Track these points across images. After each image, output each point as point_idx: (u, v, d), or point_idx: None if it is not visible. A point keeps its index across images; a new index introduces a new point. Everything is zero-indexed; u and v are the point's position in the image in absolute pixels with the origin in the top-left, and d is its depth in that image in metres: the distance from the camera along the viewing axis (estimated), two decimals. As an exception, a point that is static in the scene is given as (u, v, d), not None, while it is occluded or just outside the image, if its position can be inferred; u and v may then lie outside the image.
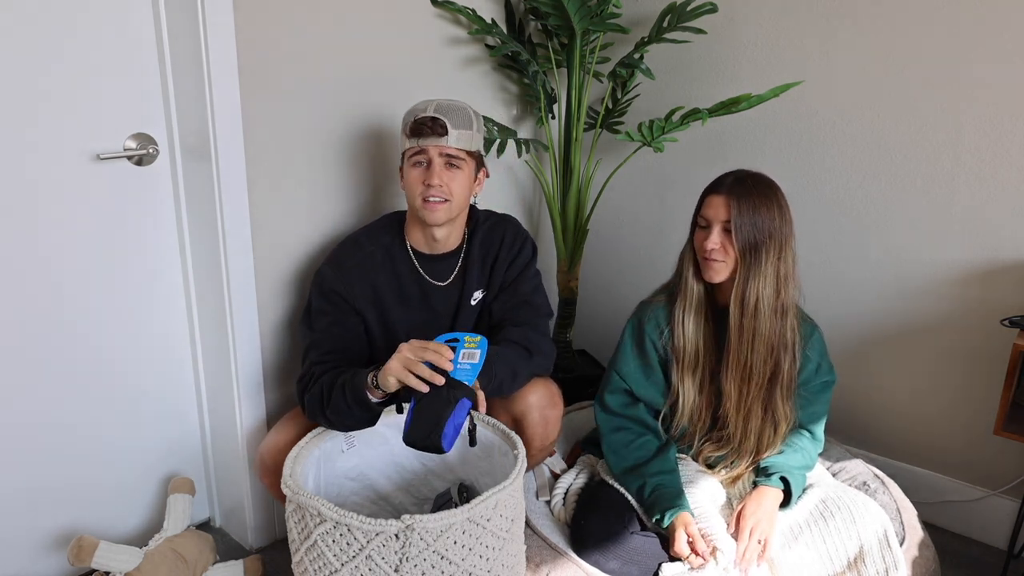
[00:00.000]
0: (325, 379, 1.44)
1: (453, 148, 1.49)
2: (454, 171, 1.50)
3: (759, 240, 1.44)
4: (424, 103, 1.52)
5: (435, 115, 1.47)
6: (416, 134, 1.48)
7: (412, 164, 1.51)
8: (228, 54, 1.53)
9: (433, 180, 1.48)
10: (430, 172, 1.49)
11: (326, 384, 1.43)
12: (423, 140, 1.48)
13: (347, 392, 1.38)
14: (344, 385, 1.39)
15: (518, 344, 1.51)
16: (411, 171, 1.51)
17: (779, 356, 1.50)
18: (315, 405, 1.43)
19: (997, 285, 1.80)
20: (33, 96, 1.44)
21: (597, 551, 1.44)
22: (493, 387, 1.41)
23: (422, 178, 1.50)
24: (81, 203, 1.55)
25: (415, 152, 1.50)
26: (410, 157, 1.51)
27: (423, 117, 1.48)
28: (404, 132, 1.52)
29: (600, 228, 2.50)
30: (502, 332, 1.55)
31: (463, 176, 1.52)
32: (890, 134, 1.89)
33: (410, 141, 1.50)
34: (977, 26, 1.72)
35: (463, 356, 1.32)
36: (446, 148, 1.49)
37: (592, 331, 2.60)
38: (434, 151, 1.49)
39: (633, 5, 2.22)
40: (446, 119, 1.47)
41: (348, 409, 1.38)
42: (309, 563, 1.24)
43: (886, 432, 2.05)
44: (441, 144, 1.48)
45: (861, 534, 1.43)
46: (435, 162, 1.49)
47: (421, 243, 1.60)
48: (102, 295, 1.61)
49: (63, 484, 1.64)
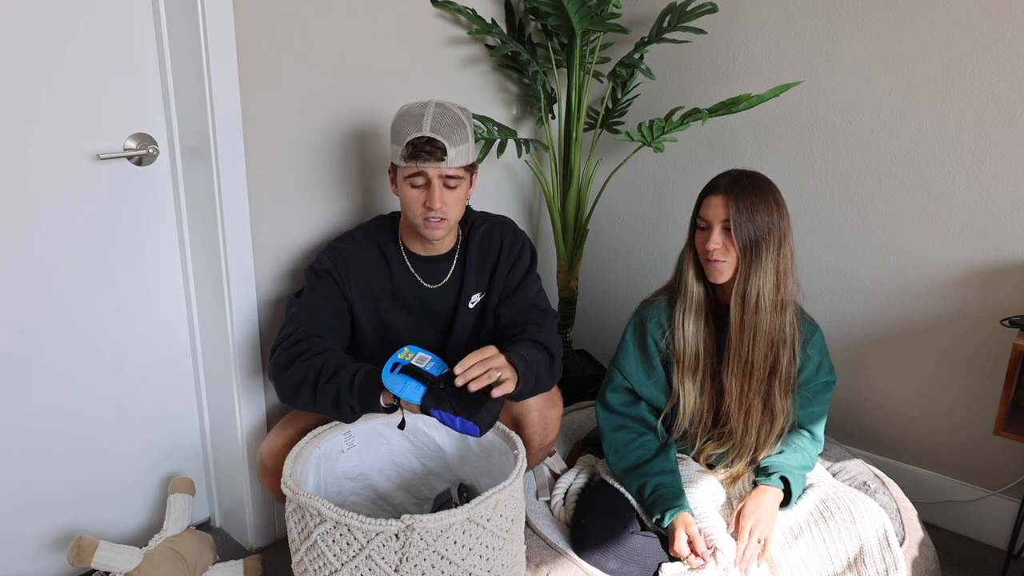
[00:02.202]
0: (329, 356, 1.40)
1: (452, 169, 1.46)
2: (452, 191, 1.48)
3: (759, 237, 1.44)
4: (416, 114, 1.46)
5: (432, 136, 1.43)
6: (413, 157, 1.43)
7: (409, 184, 1.47)
8: (228, 54, 1.53)
9: (435, 204, 1.45)
10: (430, 195, 1.46)
11: (330, 361, 1.39)
12: (421, 163, 1.44)
13: (356, 382, 1.34)
14: (355, 375, 1.35)
15: (543, 348, 1.49)
16: (409, 190, 1.48)
17: (779, 351, 1.51)
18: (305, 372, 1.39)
19: (997, 285, 1.80)
20: (33, 96, 1.44)
21: (597, 551, 1.44)
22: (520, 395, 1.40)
23: (422, 199, 1.47)
24: (81, 203, 1.55)
25: (413, 174, 1.46)
26: (407, 177, 1.47)
27: (419, 139, 1.43)
28: (398, 148, 1.47)
29: (600, 228, 2.50)
30: (522, 333, 1.53)
31: (461, 192, 1.51)
32: (890, 134, 1.89)
33: (407, 163, 1.45)
34: (977, 26, 1.72)
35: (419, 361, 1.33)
36: (445, 170, 1.46)
37: (592, 331, 2.60)
38: (433, 173, 1.45)
39: (633, 5, 2.22)
40: (445, 140, 1.43)
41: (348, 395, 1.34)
42: (309, 563, 1.24)
43: (886, 432, 2.05)
44: (441, 167, 1.45)
45: (861, 534, 1.43)
46: (435, 184, 1.45)
47: (416, 245, 1.59)
48: (102, 295, 1.61)
49: (63, 484, 1.64)
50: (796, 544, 1.45)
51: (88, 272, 1.58)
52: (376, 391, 1.33)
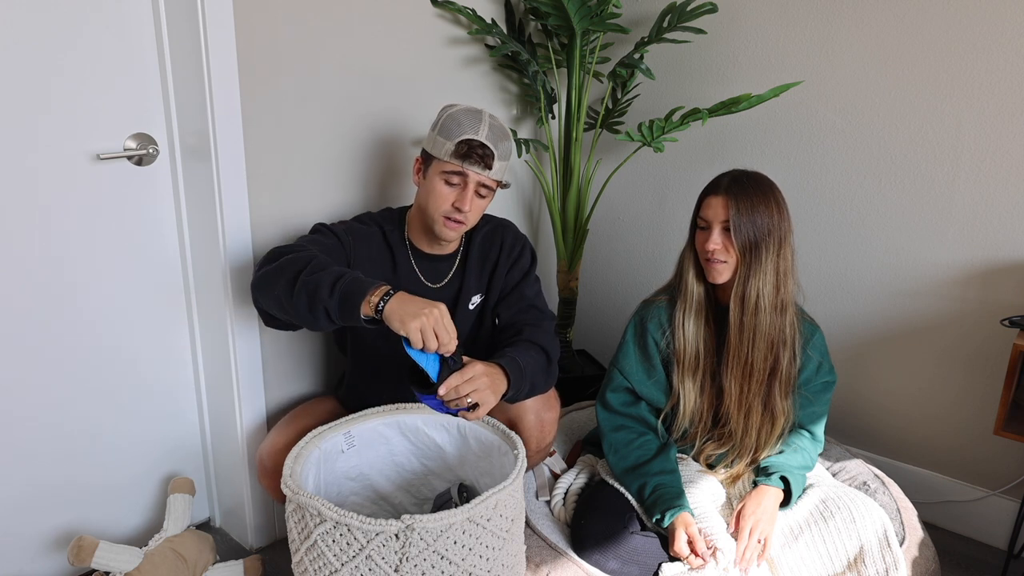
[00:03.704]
0: (320, 258, 1.35)
1: (491, 180, 1.49)
2: (481, 199, 1.51)
3: (759, 238, 1.44)
4: (473, 117, 1.47)
5: (487, 143, 1.45)
6: (463, 157, 1.45)
7: (444, 180, 1.48)
8: (228, 54, 1.53)
9: (465, 206, 1.47)
10: (462, 196, 1.47)
11: (311, 257, 1.33)
12: (467, 165, 1.46)
13: (340, 284, 1.26)
14: (342, 277, 1.27)
15: (539, 348, 1.49)
16: (441, 185, 1.48)
17: (778, 352, 1.51)
18: (288, 266, 1.32)
19: (997, 285, 1.80)
20: (33, 96, 1.44)
21: (597, 551, 1.44)
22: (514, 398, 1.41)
23: (452, 199, 1.48)
24: (81, 203, 1.55)
25: (454, 171, 1.47)
26: (446, 172, 1.48)
27: (474, 142, 1.44)
28: (447, 143, 1.46)
29: (600, 228, 2.50)
30: (520, 334, 1.53)
31: (486, 203, 1.54)
32: (890, 134, 1.89)
33: (452, 159, 1.45)
34: (977, 26, 1.72)
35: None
36: (485, 179, 1.48)
37: (592, 331, 2.60)
38: (473, 178, 1.47)
39: (633, 5, 2.22)
40: (496, 151, 1.46)
41: (328, 296, 1.26)
42: (309, 563, 1.24)
43: (886, 432, 2.05)
44: (483, 175, 1.47)
45: (861, 534, 1.43)
46: (470, 189, 1.47)
47: (422, 242, 1.60)
48: (102, 295, 1.61)
49: (63, 484, 1.64)
50: (796, 544, 1.45)
51: (88, 272, 1.58)
52: (358, 300, 1.24)
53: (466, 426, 1.52)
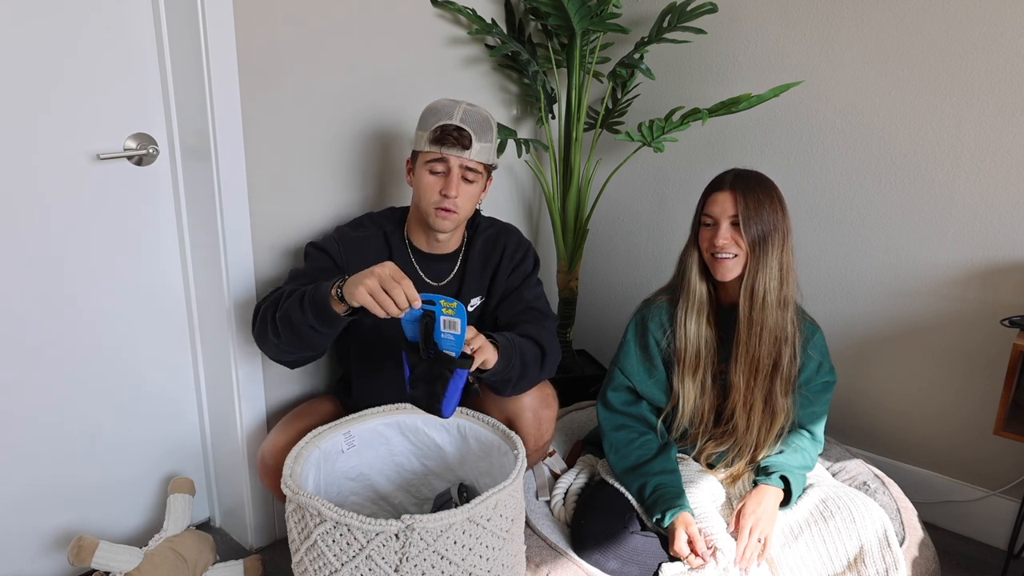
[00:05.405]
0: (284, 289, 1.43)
1: (473, 162, 1.49)
2: (469, 184, 1.50)
3: (766, 232, 1.45)
4: (449, 105, 1.49)
5: (461, 125, 1.46)
6: (439, 142, 1.46)
7: (428, 170, 1.49)
8: (228, 54, 1.54)
9: (451, 192, 1.47)
10: (448, 183, 1.48)
11: (285, 293, 1.40)
12: (445, 149, 1.46)
13: (307, 299, 1.32)
14: (305, 294, 1.34)
15: (533, 340, 1.49)
16: (427, 176, 1.50)
17: (781, 348, 1.52)
18: (268, 311, 1.41)
19: (997, 285, 1.80)
20: (34, 96, 1.44)
21: (597, 551, 1.44)
22: (506, 376, 1.40)
23: (439, 187, 1.49)
24: (81, 203, 1.55)
25: (435, 159, 1.48)
26: (428, 162, 1.49)
27: (448, 125, 1.45)
28: (424, 133, 1.49)
29: (600, 228, 2.50)
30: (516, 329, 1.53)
31: (476, 189, 1.53)
32: (890, 134, 1.89)
33: (431, 146, 1.47)
34: (977, 26, 1.72)
35: (445, 324, 1.27)
36: (467, 161, 1.48)
37: (592, 331, 2.60)
38: (455, 162, 1.48)
39: (633, 5, 2.22)
40: (472, 131, 1.46)
41: (302, 316, 1.32)
42: (309, 563, 1.24)
43: (886, 432, 2.05)
44: (463, 157, 1.47)
45: (861, 534, 1.43)
46: (454, 173, 1.48)
47: (422, 241, 1.60)
48: (102, 295, 1.61)
49: (63, 484, 1.64)
50: (796, 544, 1.45)
51: (88, 272, 1.58)
52: (327, 302, 1.30)
53: (466, 426, 1.52)
